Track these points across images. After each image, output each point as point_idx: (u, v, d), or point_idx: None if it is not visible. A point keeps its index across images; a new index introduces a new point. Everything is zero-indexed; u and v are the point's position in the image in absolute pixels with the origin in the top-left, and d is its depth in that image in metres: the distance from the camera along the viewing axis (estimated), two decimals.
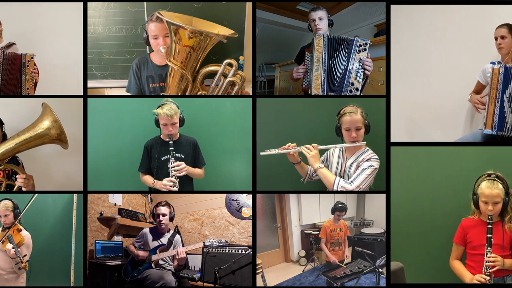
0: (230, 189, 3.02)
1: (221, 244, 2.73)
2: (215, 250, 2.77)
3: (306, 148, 2.38)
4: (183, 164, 2.62)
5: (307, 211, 3.89)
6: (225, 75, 2.84)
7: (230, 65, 2.79)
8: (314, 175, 2.54)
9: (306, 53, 2.91)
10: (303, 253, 3.79)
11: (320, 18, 2.98)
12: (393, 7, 2.81)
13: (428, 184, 2.55)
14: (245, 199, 3.35)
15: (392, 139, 2.64)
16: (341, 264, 3.02)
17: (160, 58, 2.91)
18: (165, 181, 2.60)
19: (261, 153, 2.42)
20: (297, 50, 3.13)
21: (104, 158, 2.93)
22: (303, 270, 3.55)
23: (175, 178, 2.57)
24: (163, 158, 2.70)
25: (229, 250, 2.73)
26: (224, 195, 3.47)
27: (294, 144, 2.44)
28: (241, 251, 2.67)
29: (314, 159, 2.34)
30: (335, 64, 2.75)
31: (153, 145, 2.75)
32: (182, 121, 2.70)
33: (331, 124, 2.50)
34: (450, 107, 3.11)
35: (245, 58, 3.08)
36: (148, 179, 2.71)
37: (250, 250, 2.65)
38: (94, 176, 2.86)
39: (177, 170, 2.59)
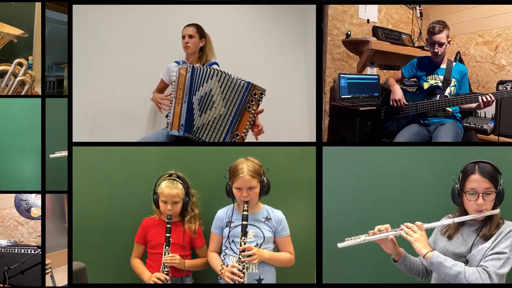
0: (19, 189, 2.99)
1: (10, 244, 2.88)
2: (4, 250, 2.85)
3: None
4: None
5: None
6: (15, 75, 2.84)
7: (20, 64, 2.83)
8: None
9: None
10: None
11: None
12: (75, 7, 2.74)
13: (111, 184, 2.54)
14: (34, 199, 3.41)
15: (75, 139, 2.60)
16: None
17: None
18: None
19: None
20: None
21: None
22: None
23: None
24: None
25: (18, 250, 2.81)
26: (13, 195, 3.42)
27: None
28: (30, 251, 2.76)
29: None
30: None
31: None
32: None
33: None
34: (133, 106, 3.20)
35: (34, 58, 3.04)
36: None
37: (39, 250, 2.72)
38: None
39: None
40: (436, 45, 3.00)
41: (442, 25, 2.96)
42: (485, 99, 2.78)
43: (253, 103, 2.60)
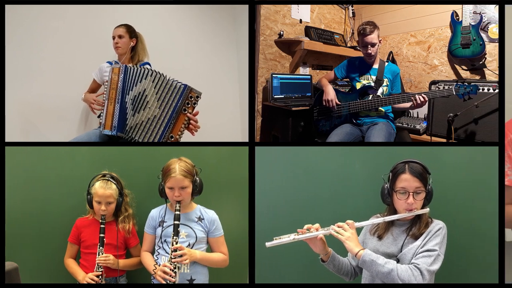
0: None
1: None
2: None
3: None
4: None
5: None
6: None
7: None
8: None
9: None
10: None
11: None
12: (8, 7, 2.76)
13: (43, 184, 2.52)
14: None
15: (7, 139, 2.61)
16: None
17: None
18: None
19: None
20: None
21: None
22: None
23: None
24: None
25: None
26: None
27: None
28: None
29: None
30: None
31: None
32: None
33: None
34: (65, 106, 3.21)
35: None
36: None
37: None
38: None
39: None
40: (369, 46, 3.05)
41: (372, 26, 3.02)
42: (418, 100, 2.84)
43: (189, 106, 2.63)
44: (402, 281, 1.77)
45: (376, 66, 3.20)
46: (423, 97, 2.85)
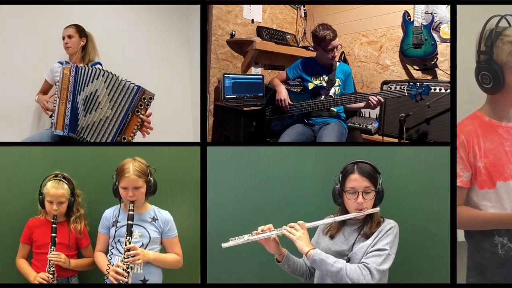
0: None
1: None
2: None
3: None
4: None
5: None
6: None
7: None
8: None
9: None
10: None
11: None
12: None
13: None
14: None
15: None
16: None
17: None
18: None
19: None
20: None
21: None
22: None
23: None
24: None
25: None
26: None
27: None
28: None
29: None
30: None
31: None
32: None
33: None
34: (17, 107, 3.19)
35: None
36: None
37: None
38: None
39: None
40: (334, 50, 3.08)
41: (331, 30, 3.04)
42: (374, 101, 2.88)
43: (142, 107, 2.64)
44: (351, 280, 1.79)
45: (328, 66, 3.23)
46: (378, 98, 2.90)
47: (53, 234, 2.28)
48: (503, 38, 1.85)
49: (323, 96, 3.18)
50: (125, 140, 2.64)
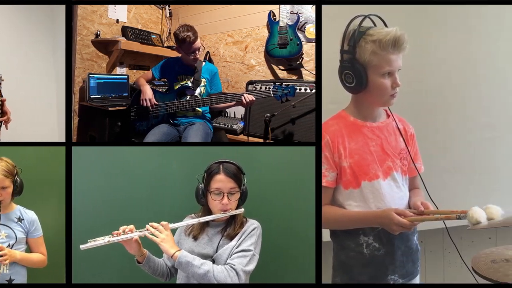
0: None
1: None
2: None
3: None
4: None
5: None
6: None
7: None
8: None
9: None
10: None
11: None
12: None
13: None
14: None
15: None
16: None
17: None
18: None
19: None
20: None
21: None
22: None
23: None
24: None
25: None
26: None
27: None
28: None
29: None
30: None
31: None
32: None
33: None
34: None
35: None
36: None
37: None
38: None
39: None
40: (197, 51, 3.13)
41: (192, 31, 3.07)
42: (247, 99, 2.93)
43: None
44: (218, 282, 1.80)
45: (192, 67, 3.28)
46: (253, 99, 2.96)
47: None
48: (366, 37, 1.86)
49: (188, 96, 3.24)
50: None
